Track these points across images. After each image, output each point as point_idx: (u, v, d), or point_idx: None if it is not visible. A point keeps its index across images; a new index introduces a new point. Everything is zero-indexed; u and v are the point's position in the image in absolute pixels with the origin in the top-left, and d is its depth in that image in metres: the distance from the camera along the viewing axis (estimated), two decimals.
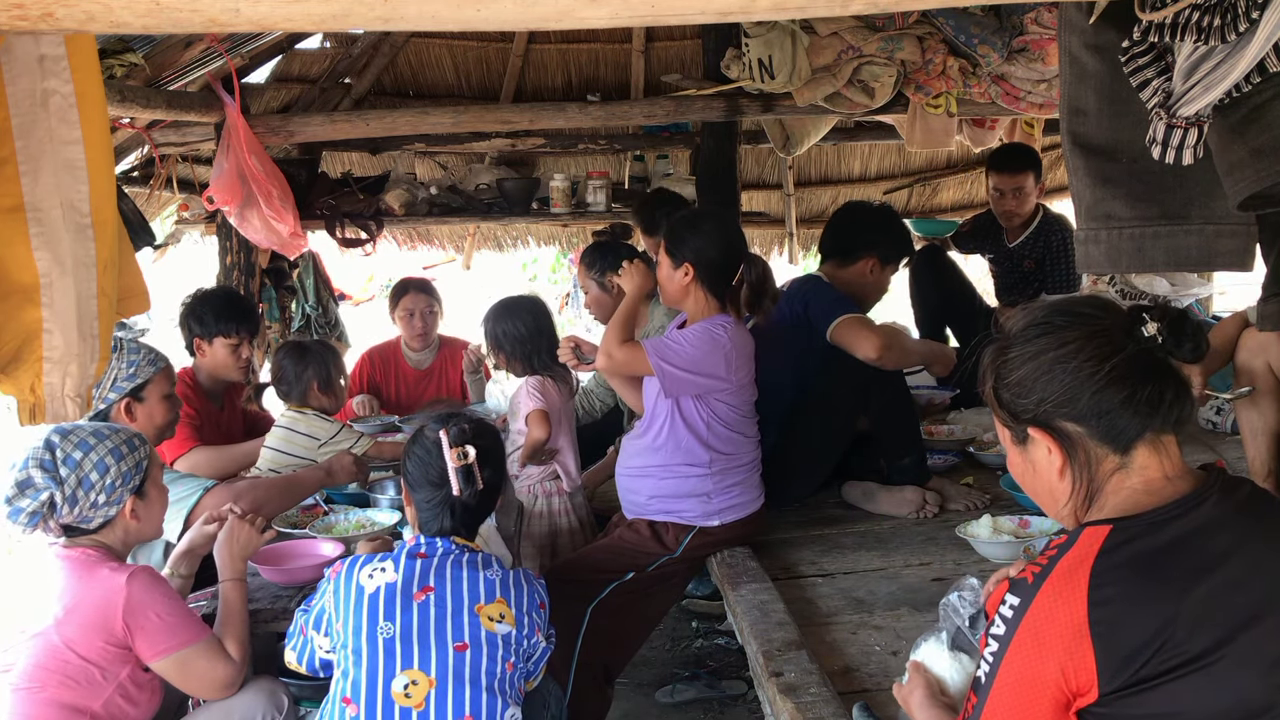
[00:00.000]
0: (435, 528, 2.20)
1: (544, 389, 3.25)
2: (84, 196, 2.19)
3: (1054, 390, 1.42)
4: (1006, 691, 1.34)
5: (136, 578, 2.19)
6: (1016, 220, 4.62)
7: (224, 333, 3.61)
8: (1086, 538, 1.35)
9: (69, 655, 2.14)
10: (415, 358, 4.65)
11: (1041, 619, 1.31)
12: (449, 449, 2.16)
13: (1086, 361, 1.39)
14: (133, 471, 2.26)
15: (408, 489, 2.27)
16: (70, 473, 2.17)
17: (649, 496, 2.93)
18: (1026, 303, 4.68)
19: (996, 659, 1.35)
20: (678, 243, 2.87)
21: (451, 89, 5.90)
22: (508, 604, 2.13)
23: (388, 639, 2.04)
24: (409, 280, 4.74)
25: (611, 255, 3.68)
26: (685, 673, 3.80)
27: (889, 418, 3.28)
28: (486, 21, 1.41)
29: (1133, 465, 1.41)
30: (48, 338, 2.19)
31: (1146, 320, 1.39)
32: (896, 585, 2.71)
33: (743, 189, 5.25)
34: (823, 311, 3.22)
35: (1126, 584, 1.30)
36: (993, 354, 1.50)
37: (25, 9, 1.34)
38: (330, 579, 2.15)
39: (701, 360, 2.77)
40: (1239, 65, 1.64)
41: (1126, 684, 1.28)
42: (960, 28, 4.13)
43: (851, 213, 3.74)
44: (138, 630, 2.17)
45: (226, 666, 2.28)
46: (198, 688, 2.33)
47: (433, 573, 2.11)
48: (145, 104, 3.72)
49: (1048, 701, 1.32)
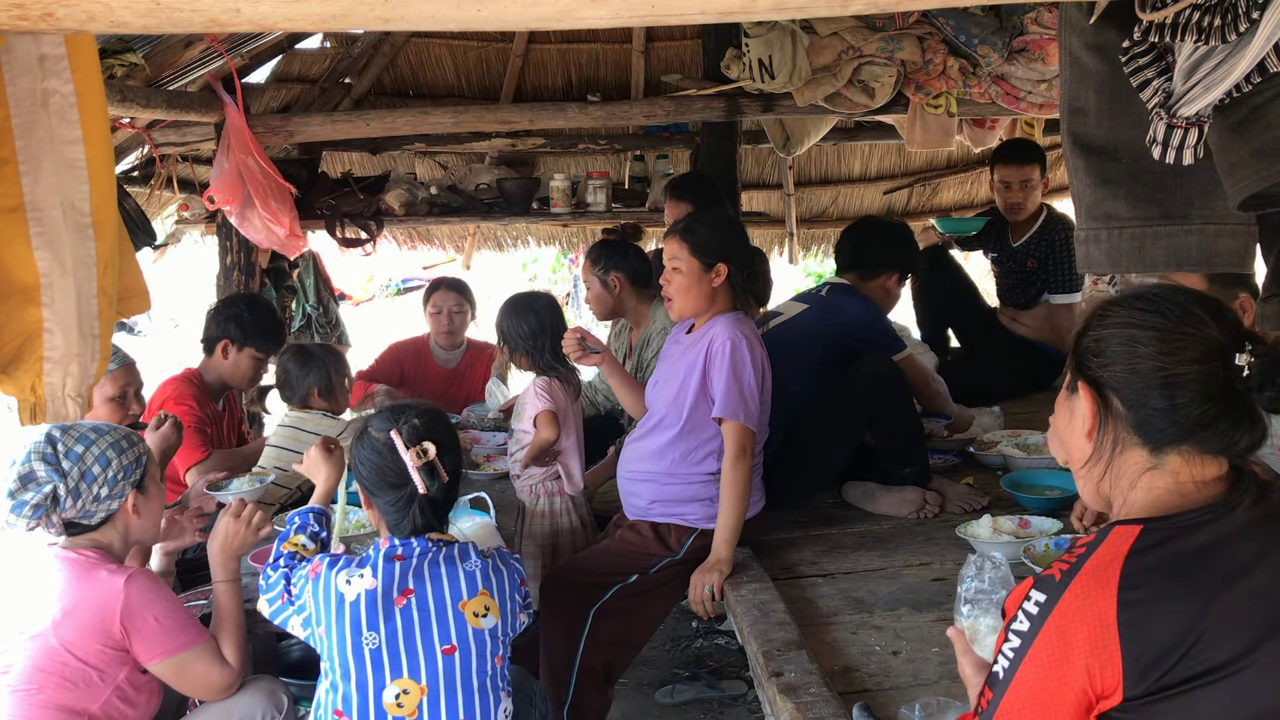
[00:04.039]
0: (408, 528, 2.12)
1: (551, 390, 3.25)
2: (84, 196, 2.19)
3: (1119, 365, 1.41)
4: (1025, 689, 1.31)
5: (135, 580, 2.18)
6: (1022, 214, 4.60)
7: (259, 347, 3.65)
8: (1116, 536, 1.34)
9: (67, 657, 2.14)
10: (443, 356, 4.65)
11: (1069, 617, 1.29)
12: (406, 450, 2.08)
13: (1161, 355, 1.38)
14: (133, 465, 2.25)
15: (366, 494, 2.18)
16: (73, 465, 2.16)
17: (650, 501, 2.93)
18: (1027, 303, 4.69)
19: (1019, 655, 1.32)
20: (708, 243, 2.84)
21: (451, 89, 5.91)
22: (491, 594, 2.10)
23: (374, 649, 2.01)
24: (442, 278, 4.77)
25: (618, 253, 3.68)
26: (685, 673, 3.80)
27: (894, 434, 3.29)
28: (487, 21, 1.41)
29: (1164, 468, 1.39)
30: (48, 337, 2.20)
31: (1245, 349, 1.35)
32: (896, 585, 2.71)
33: (743, 189, 5.26)
34: (884, 345, 3.42)
35: (1157, 585, 1.29)
36: (1102, 305, 1.48)
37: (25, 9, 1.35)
38: (309, 578, 2.08)
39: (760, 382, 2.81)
40: (1239, 65, 1.64)
41: (1151, 689, 1.26)
42: (960, 28, 4.13)
43: (875, 230, 3.79)
44: (135, 633, 2.17)
45: (223, 670, 2.28)
46: (195, 690, 2.33)
47: (411, 575, 2.06)
48: (145, 104, 3.72)
49: (1070, 702, 1.29)
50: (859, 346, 3.38)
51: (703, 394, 2.82)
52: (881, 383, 3.21)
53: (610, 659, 2.87)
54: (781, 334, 3.36)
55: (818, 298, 3.59)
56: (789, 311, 3.53)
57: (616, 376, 3.15)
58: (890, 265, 3.63)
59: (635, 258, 3.82)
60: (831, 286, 3.62)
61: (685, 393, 2.83)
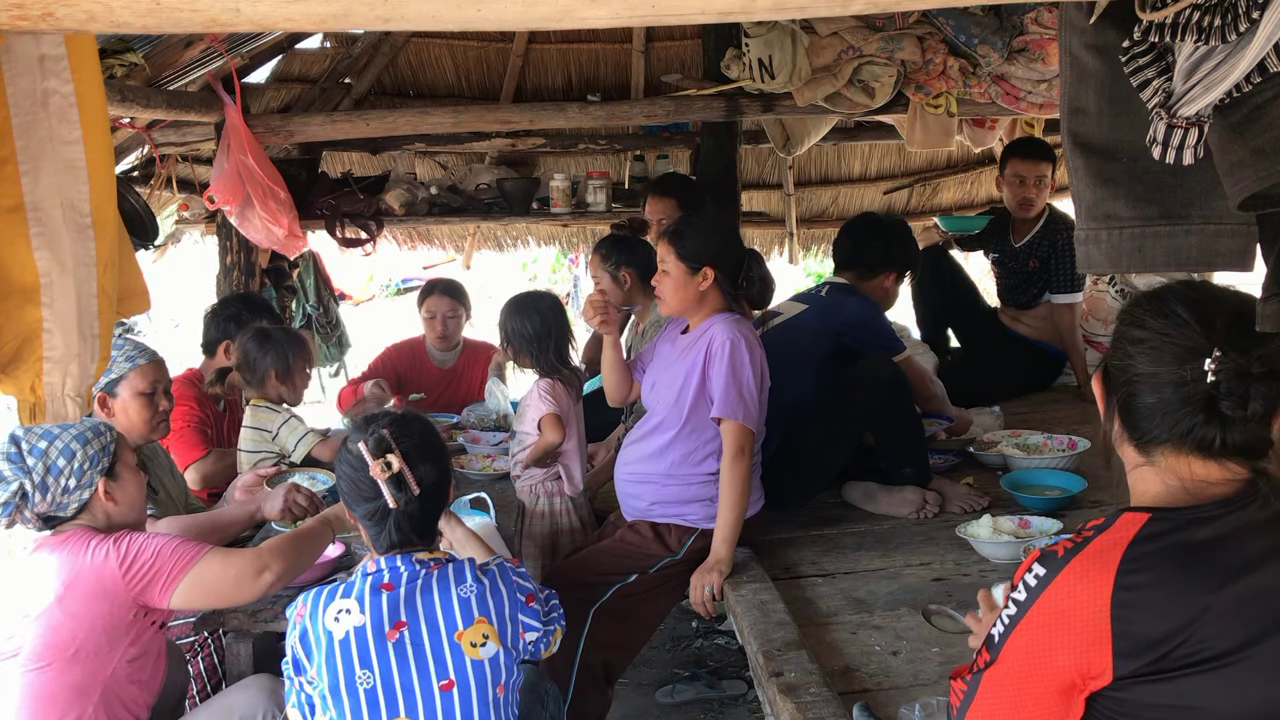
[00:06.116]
0: (385, 544, 2.04)
1: (555, 392, 3.25)
2: (84, 196, 2.19)
3: (1115, 360, 1.47)
4: (1014, 656, 1.36)
5: (121, 536, 2.22)
6: (1033, 211, 4.58)
7: None
8: (1124, 521, 1.36)
9: (75, 628, 2.16)
10: (440, 357, 4.64)
11: (1063, 594, 1.33)
12: (371, 462, 1.99)
13: (1140, 356, 1.42)
14: (100, 454, 2.25)
15: (347, 508, 2.12)
16: (37, 461, 2.18)
17: (650, 503, 2.93)
18: (1029, 303, 4.69)
19: (1012, 622, 1.37)
20: (694, 248, 2.84)
21: (451, 89, 5.91)
22: (489, 620, 1.99)
23: (369, 690, 1.93)
24: (436, 282, 4.69)
25: (629, 249, 3.68)
26: (685, 673, 3.80)
27: (893, 434, 3.29)
28: (487, 21, 1.41)
29: (1157, 465, 1.42)
30: (48, 337, 2.20)
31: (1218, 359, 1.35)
32: (896, 585, 2.71)
33: (743, 189, 5.25)
34: (884, 346, 3.42)
35: (1157, 572, 1.31)
36: (1138, 298, 1.51)
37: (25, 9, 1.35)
38: (295, 624, 2.00)
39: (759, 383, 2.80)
40: (1239, 65, 1.63)
41: (1143, 671, 1.29)
42: (960, 28, 4.13)
43: (874, 228, 3.73)
44: (143, 579, 2.19)
45: (242, 560, 2.29)
46: (232, 593, 2.31)
47: (402, 606, 1.96)
48: (145, 104, 3.72)
49: (1051, 674, 1.33)
50: (858, 346, 3.38)
51: (702, 395, 2.82)
52: (881, 383, 3.21)
53: (610, 659, 2.87)
54: (781, 334, 3.36)
55: (817, 298, 3.60)
56: (788, 312, 3.54)
57: (613, 354, 3.10)
58: (889, 264, 3.62)
59: (645, 253, 3.82)
60: (831, 286, 3.62)
61: (685, 394, 2.83)
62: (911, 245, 3.78)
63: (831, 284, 3.64)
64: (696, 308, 2.89)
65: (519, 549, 3.22)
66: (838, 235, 3.77)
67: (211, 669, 2.84)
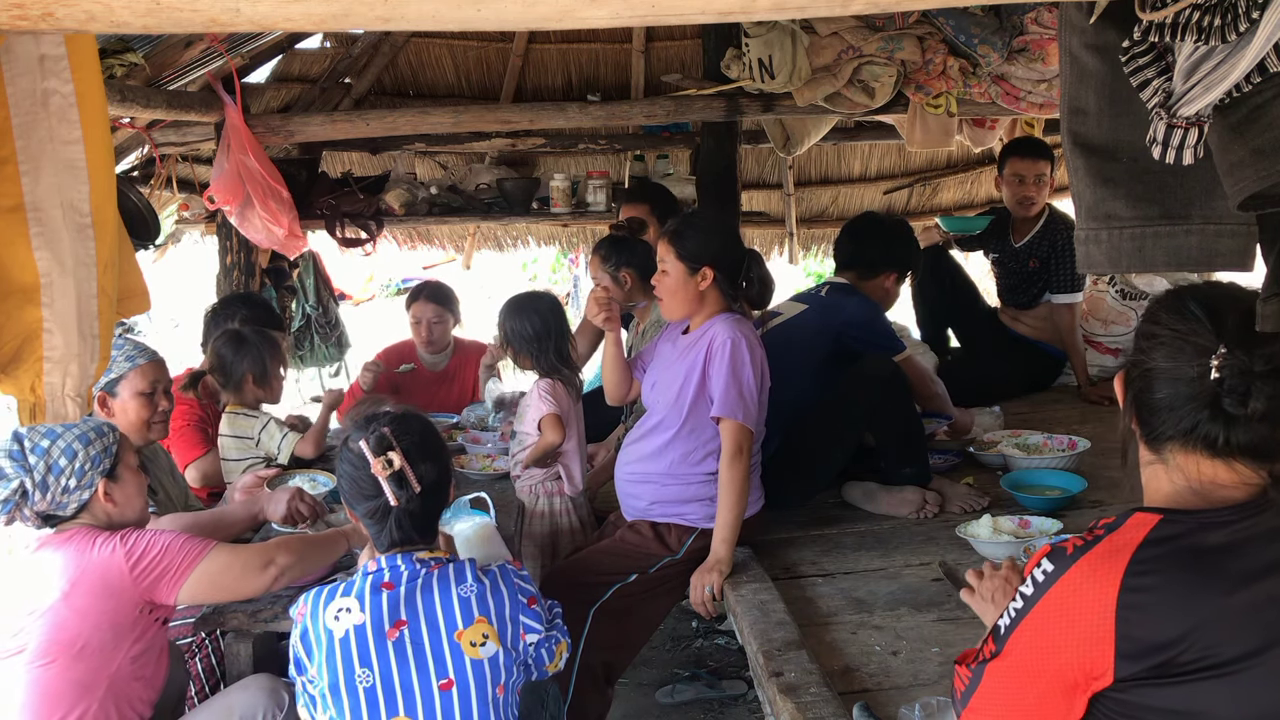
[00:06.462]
0: (386, 543, 2.05)
1: (555, 392, 3.25)
2: (84, 196, 2.19)
3: (1136, 356, 1.47)
4: (1017, 650, 1.37)
5: (128, 533, 2.23)
6: (1033, 210, 4.58)
7: None
8: (1135, 522, 1.36)
9: (80, 624, 2.16)
10: (431, 360, 4.62)
11: (1069, 592, 1.33)
12: (372, 460, 2.00)
13: (1151, 352, 1.42)
14: (101, 455, 2.26)
15: (348, 506, 2.12)
16: (39, 460, 2.18)
17: (650, 502, 2.93)
18: (1029, 303, 4.69)
19: (1019, 615, 1.37)
20: (694, 248, 2.84)
21: (451, 89, 5.91)
22: (489, 620, 1.99)
23: (368, 688, 1.93)
24: (422, 286, 4.63)
25: (628, 250, 3.68)
26: (685, 673, 3.80)
27: (893, 434, 3.29)
28: (486, 21, 1.41)
29: (1168, 463, 1.42)
30: (48, 338, 2.20)
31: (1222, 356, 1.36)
32: (896, 585, 2.71)
33: (743, 189, 5.25)
34: (884, 346, 3.41)
35: (1165, 576, 1.30)
36: (1160, 296, 1.52)
37: (25, 9, 1.35)
38: (297, 622, 2.01)
39: (759, 382, 2.80)
40: (1239, 65, 1.63)
41: (1146, 673, 1.28)
42: (960, 28, 4.13)
43: (875, 228, 3.73)
44: (151, 575, 2.19)
45: (248, 551, 2.30)
46: (237, 586, 2.32)
47: (402, 605, 1.97)
48: (145, 104, 3.72)
49: (1054, 672, 1.33)
50: (858, 346, 3.39)
51: (702, 394, 2.82)
52: (881, 383, 3.22)
53: (610, 659, 2.87)
54: (781, 334, 3.37)
55: (817, 298, 3.60)
56: (788, 312, 3.54)
57: (614, 351, 3.10)
58: (889, 264, 3.62)
59: (645, 253, 3.82)
60: (831, 286, 3.62)
61: (685, 394, 2.83)
62: (912, 245, 3.78)
63: (831, 284, 3.64)
64: (696, 308, 2.89)
65: (519, 549, 3.22)
66: (838, 235, 3.77)
67: (210, 669, 2.84)
